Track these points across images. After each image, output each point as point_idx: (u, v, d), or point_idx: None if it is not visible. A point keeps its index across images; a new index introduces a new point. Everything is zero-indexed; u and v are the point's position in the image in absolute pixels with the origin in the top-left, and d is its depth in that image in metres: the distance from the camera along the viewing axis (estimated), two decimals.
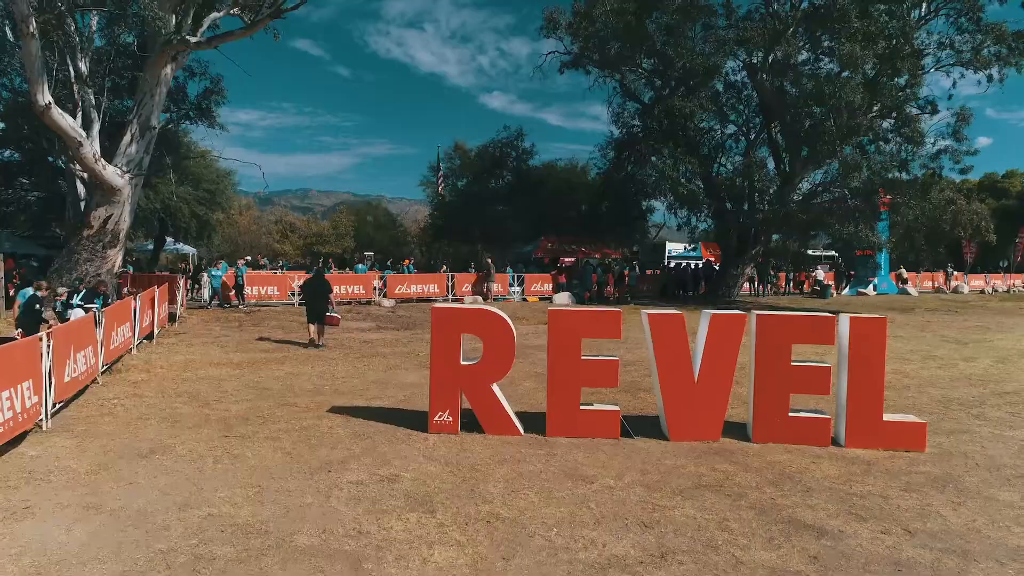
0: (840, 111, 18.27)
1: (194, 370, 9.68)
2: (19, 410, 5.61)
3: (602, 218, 29.42)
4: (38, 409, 6.11)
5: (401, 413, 7.36)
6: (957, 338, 15.29)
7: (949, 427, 7.25)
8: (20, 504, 4.59)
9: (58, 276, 14.58)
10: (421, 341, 13.17)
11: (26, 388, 5.78)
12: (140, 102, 14.30)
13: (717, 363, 6.44)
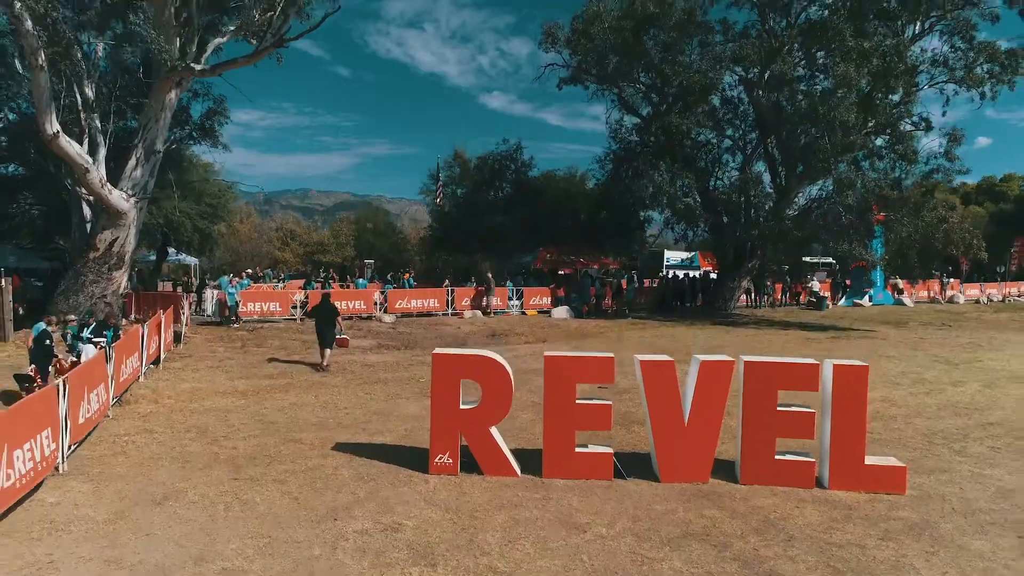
0: (834, 129, 18.56)
1: (200, 400, 9.95)
2: (39, 459, 5.88)
3: (601, 228, 29.71)
4: (55, 454, 6.39)
5: (403, 451, 7.62)
6: (948, 358, 15.56)
7: (931, 465, 7.52)
8: (45, 558, 4.86)
9: (64, 298, 14.86)
10: (422, 364, 13.44)
11: (45, 437, 6.06)
12: (145, 126, 14.58)
13: (706, 408, 6.71)
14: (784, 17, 22.56)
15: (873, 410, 10.13)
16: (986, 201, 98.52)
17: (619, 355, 14.70)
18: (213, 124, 18.59)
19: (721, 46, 22.75)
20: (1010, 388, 12.14)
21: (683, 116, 20.82)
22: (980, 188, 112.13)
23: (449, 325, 20.58)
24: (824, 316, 24.79)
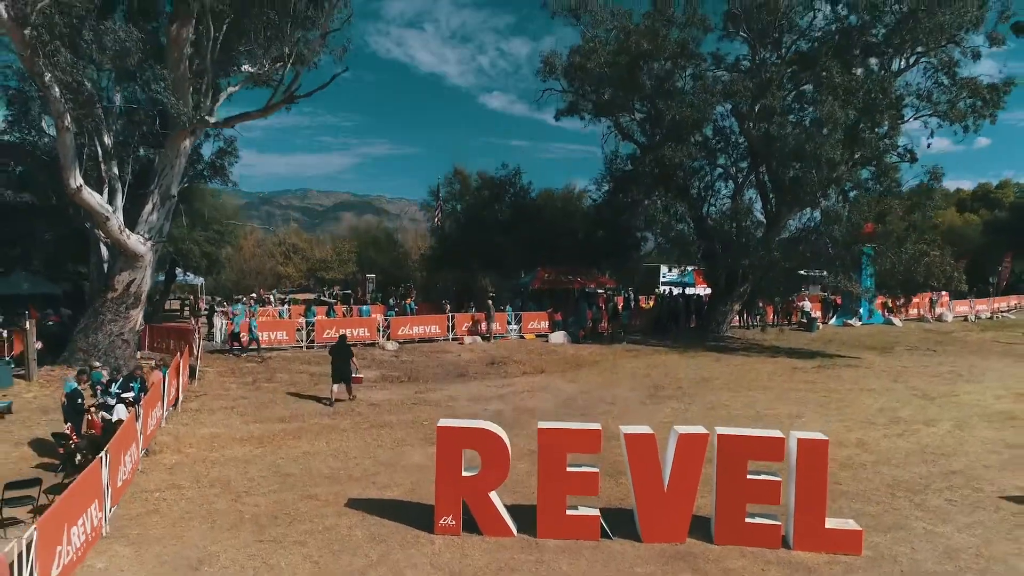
0: (820, 165, 19.34)
1: (220, 449, 10.69)
2: (89, 530, 6.63)
3: (597, 247, 30.42)
4: (101, 522, 7.13)
5: (410, 508, 8.33)
6: (926, 391, 16.31)
7: (889, 521, 8.25)
8: None
9: (84, 336, 15.61)
10: (424, 404, 14.20)
11: (93, 508, 6.81)
12: (161, 173, 15.34)
13: (683, 476, 7.46)
14: (774, 51, 23.31)
15: (846, 456, 10.96)
16: (981, 208, 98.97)
17: (611, 390, 15.62)
18: (224, 163, 19.42)
19: (712, 79, 23.54)
20: (979, 429, 12.87)
21: (676, 149, 21.60)
22: (975, 195, 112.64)
23: (450, 352, 21.33)
24: (813, 339, 25.54)
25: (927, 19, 20.60)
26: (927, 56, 21.63)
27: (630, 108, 23.89)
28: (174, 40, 14.04)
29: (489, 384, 16.60)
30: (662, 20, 24.63)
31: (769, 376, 17.95)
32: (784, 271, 21.65)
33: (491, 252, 30.88)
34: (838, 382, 17.47)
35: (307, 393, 15.03)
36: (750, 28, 23.01)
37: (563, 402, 14.55)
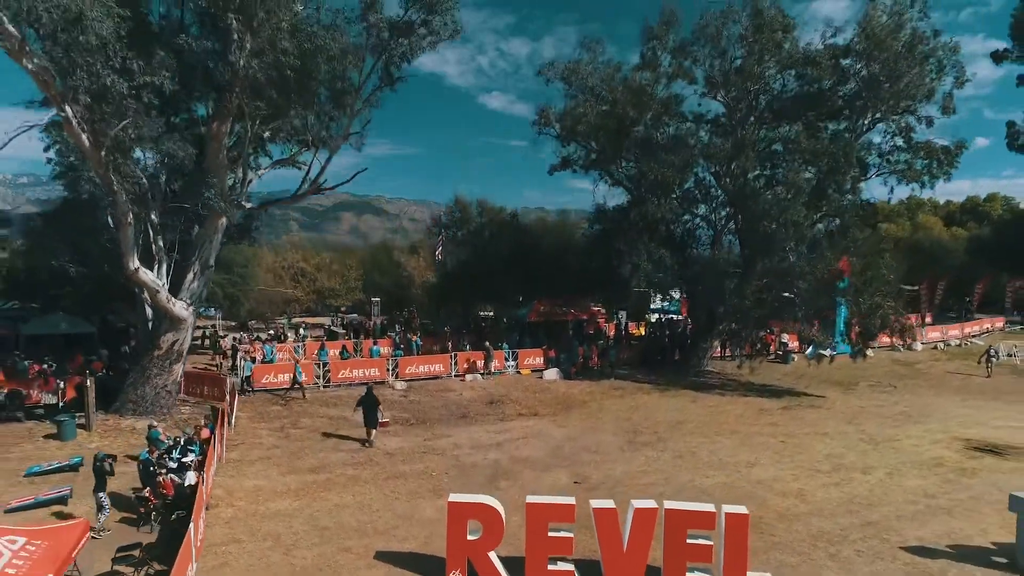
0: (787, 227, 21.55)
1: (264, 502, 12.86)
2: None
3: (590, 279, 32.60)
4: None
5: (424, 560, 10.49)
6: (873, 436, 18.48)
7: (803, 572, 10.42)
8: None
9: (133, 389, 17.81)
10: (432, 453, 16.38)
11: (190, 570, 8.99)
12: (200, 247, 17.54)
13: (638, 539, 9.63)
14: (749, 113, 25.52)
15: (785, 508, 13.15)
16: (970, 220, 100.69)
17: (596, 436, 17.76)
18: (251, 226, 21.52)
19: (692, 138, 25.77)
20: (907, 478, 15.04)
21: (658, 205, 23.82)
22: (964, 207, 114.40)
23: (453, 391, 23.52)
24: (787, 373, 27.69)
25: (887, 87, 22.85)
26: (884, 121, 23.84)
27: (618, 164, 26.16)
28: (214, 135, 16.22)
29: (488, 428, 18.79)
30: (650, 71, 27.02)
31: (737, 419, 20.15)
32: (756, 319, 23.86)
33: (491, 286, 33.10)
34: (798, 425, 19.67)
35: (333, 436, 17.26)
36: (727, 92, 25.23)
37: (552, 450, 16.74)
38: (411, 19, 16.00)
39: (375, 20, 15.60)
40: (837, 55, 23.08)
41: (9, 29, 11.11)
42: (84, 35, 10.83)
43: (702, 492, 13.55)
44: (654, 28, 27.26)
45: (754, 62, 23.19)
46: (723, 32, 23.83)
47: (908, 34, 22.81)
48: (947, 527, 12.22)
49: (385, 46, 16.10)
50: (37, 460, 14.69)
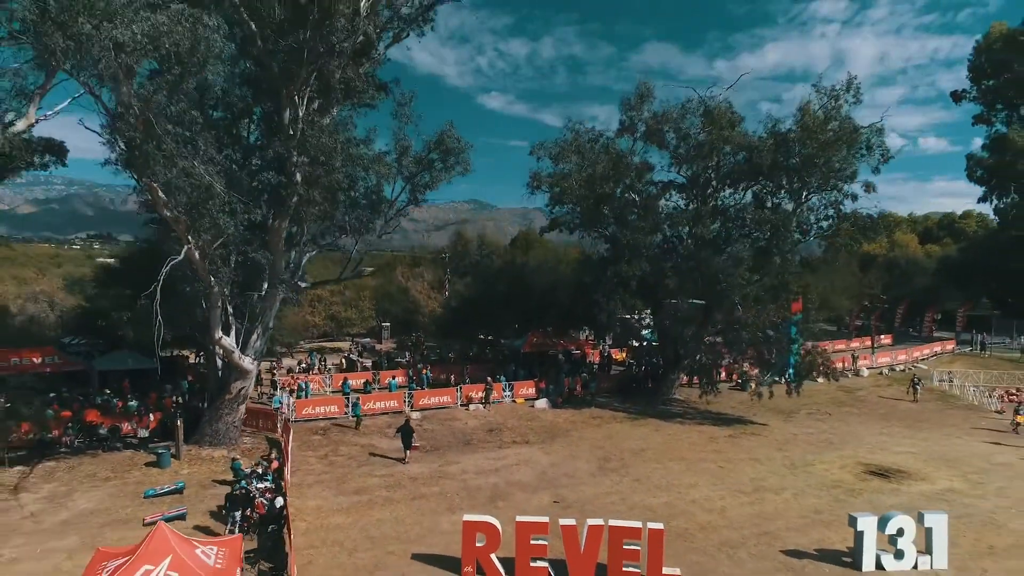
0: (733, 288, 26.36)
1: (326, 518, 17.55)
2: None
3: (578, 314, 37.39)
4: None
5: (445, 559, 15.18)
6: (794, 461, 23.25)
7: (706, 567, 15.13)
8: None
9: (208, 425, 22.54)
10: (445, 478, 21.07)
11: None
12: (263, 314, 22.26)
13: (591, 546, 14.36)
14: (707, 185, 30.35)
15: (707, 521, 17.89)
16: (946, 236, 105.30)
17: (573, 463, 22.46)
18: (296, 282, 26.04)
19: (660, 202, 30.63)
20: (808, 498, 19.76)
21: (631, 264, 28.63)
22: (941, 224, 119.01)
23: (459, 420, 28.26)
24: (742, 401, 32.36)
25: (820, 168, 27.69)
26: (819, 195, 28.70)
27: (598, 228, 31.07)
28: (276, 231, 20.91)
29: (488, 455, 23.53)
30: (628, 134, 31.95)
31: (689, 447, 24.93)
32: (707, 364, 28.75)
33: (491, 319, 37.93)
34: (737, 451, 24.46)
35: (365, 468, 21.98)
36: (689, 167, 30.08)
37: (539, 475, 21.50)
38: (432, 159, 20.86)
39: (406, 162, 20.41)
40: (778, 142, 27.88)
41: (160, 196, 15.77)
42: (212, 200, 15.52)
43: (648, 510, 18.28)
44: (631, 100, 32.20)
45: (708, 147, 28.06)
46: (683, 122, 28.70)
47: (837, 125, 27.64)
48: (821, 536, 16.96)
49: (412, 177, 20.93)
50: (149, 485, 19.40)
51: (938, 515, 15.68)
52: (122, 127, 14.35)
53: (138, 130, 14.38)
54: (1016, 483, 21.31)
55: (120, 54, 12.52)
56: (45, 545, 15.75)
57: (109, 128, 15.04)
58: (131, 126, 14.41)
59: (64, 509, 17.85)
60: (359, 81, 19.25)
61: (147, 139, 14.17)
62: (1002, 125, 56.36)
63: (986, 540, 16.85)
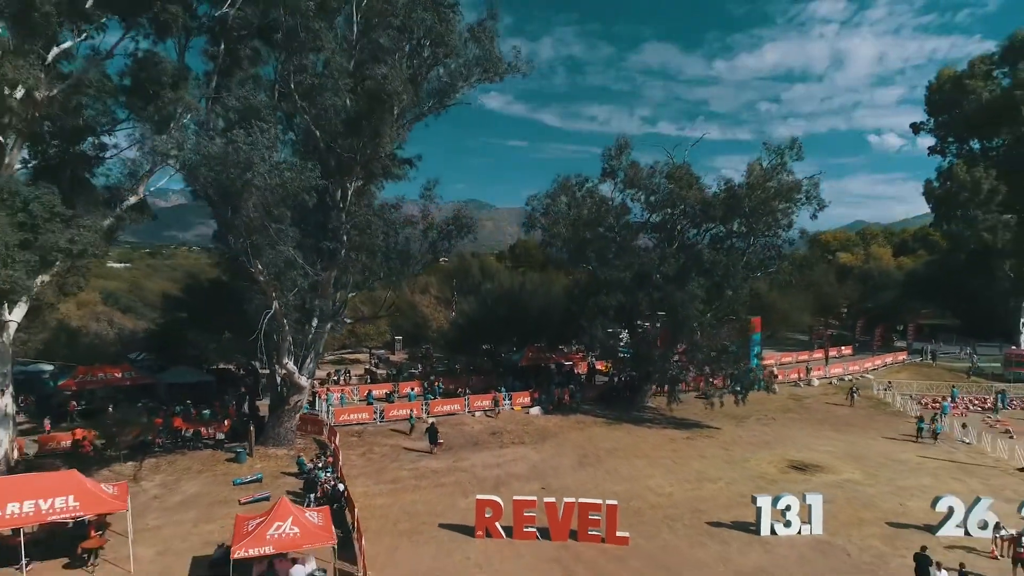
0: (690, 317, 32.49)
1: (372, 499, 23.57)
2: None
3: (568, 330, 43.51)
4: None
5: (464, 527, 21.21)
6: (734, 458, 29.32)
7: (648, 532, 21.18)
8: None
9: (272, 428, 28.56)
10: (459, 471, 27.10)
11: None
12: (315, 342, 28.28)
13: (567, 516, 20.43)
14: (674, 228, 36.49)
15: (657, 501, 23.96)
16: (920, 248, 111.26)
17: (558, 460, 28.84)
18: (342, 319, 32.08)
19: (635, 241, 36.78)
20: (737, 485, 25.80)
21: (609, 296, 34.75)
22: (916, 236, 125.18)
23: (467, 425, 34.33)
24: (702, 409, 38.38)
25: (765, 215, 33.83)
26: (763, 239, 34.85)
27: (582, 264, 37.29)
28: (326, 281, 26.90)
29: (492, 453, 29.61)
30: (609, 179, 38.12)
31: (652, 447, 31.02)
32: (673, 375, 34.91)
33: (493, 336, 44.07)
34: (690, 450, 30.54)
35: (395, 464, 27.99)
36: (659, 213, 36.24)
37: (531, 468, 27.57)
38: (450, 229, 27.06)
39: (432, 235, 26.71)
40: (729, 196, 34.00)
41: (259, 267, 21.85)
42: (294, 269, 21.51)
43: (613, 494, 24.24)
44: (611, 150, 38.39)
45: (672, 200, 34.24)
46: (651, 182, 34.90)
47: (777, 181, 33.79)
48: (739, 513, 22.95)
49: (434, 243, 27.11)
50: (234, 475, 25.43)
51: (816, 495, 21.83)
52: (238, 228, 20.50)
53: (252, 231, 20.50)
54: (903, 475, 27.41)
55: (252, 191, 18.57)
56: (172, 517, 21.80)
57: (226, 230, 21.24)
58: (246, 227, 20.51)
59: (177, 493, 23.91)
60: (394, 167, 25.34)
61: (260, 235, 20.29)
62: (953, 157, 62.42)
63: (859, 515, 22.96)
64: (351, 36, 24.89)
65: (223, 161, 18.13)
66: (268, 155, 18.81)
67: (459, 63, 26.12)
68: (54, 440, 27.77)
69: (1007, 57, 57.74)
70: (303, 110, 23.03)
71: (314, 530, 16.98)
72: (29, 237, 19.67)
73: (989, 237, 54.78)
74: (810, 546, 20.56)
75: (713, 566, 18.99)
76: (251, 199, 19.05)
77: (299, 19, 22.34)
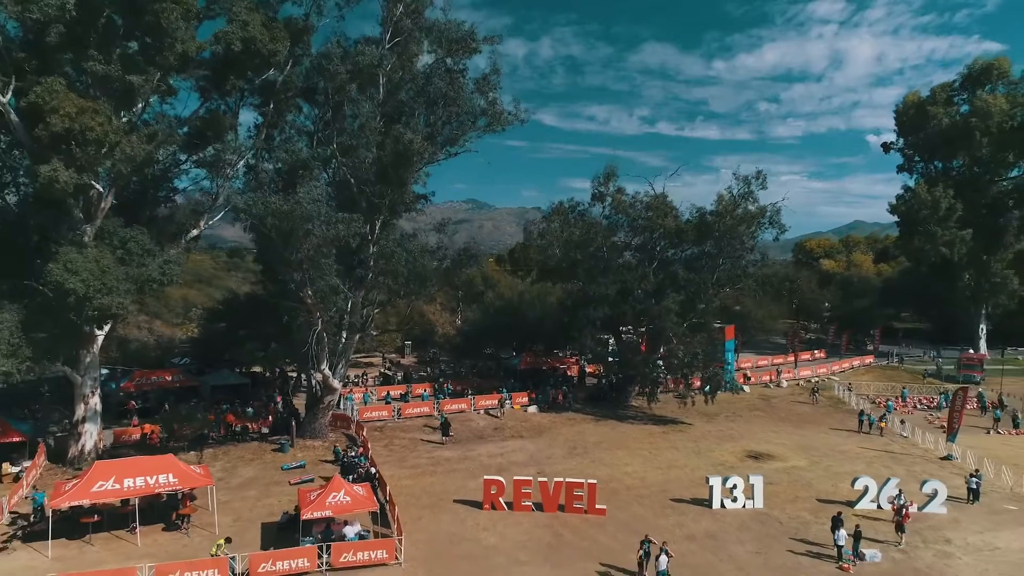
0: (666, 327, 37.65)
1: (400, 481, 28.63)
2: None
3: (563, 336, 48.69)
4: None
5: (473, 502, 26.30)
6: (701, 450, 34.46)
7: (619, 506, 26.32)
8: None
9: (308, 424, 33.73)
10: (468, 459, 32.25)
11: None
12: (344, 351, 33.43)
13: (556, 492, 25.61)
14: (655, 247, 41.71)
15: (632, 484, 29.18)
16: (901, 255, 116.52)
17: (552, 450, 34.62)
18: (369, 331, 37.18)
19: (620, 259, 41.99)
20: (699, 471, 30.83)
21: (596, 309, 39.93)
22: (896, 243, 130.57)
23: (473, 421, 39.44)
24: (680, 407, 43.43)
25: (731, 239, 39.01)
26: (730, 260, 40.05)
27: (573, 280, 42.57)
28: (356, 299, 32.06)
29: (495, 445, 34.76)
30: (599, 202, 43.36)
31: (633, 440, 36.18)
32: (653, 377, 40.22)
33: (495, 345, 49.29)
34: (665, 442, 35.71)
35: (413, 455, 33.10)
36: (641, 236, 41.45)
37: (529, 457, 32.73)
38: (460, 260, 32.30)
39: (446, 264, 31.91)
40: (700, 224, 39.20)
41: (308, 294, 27.01)
42: (337, 294, 26.63)
43: (596, 477, 29.13)
44: (600, 177, 43.62)
45: (653, 225, 39.46)
46: (632, 210, 40.12)
47: (743, 209, 38.97)
48: (698, 492, 27.99)
49: (448, 271, 32.32)
50: (281, 462, 30.56)
51: (758, 476, 27.03)
52: (296, 263, 25.74)
53: (307, 266, 25.79)
54: (842, 463, 32.56)
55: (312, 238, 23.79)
56: (238, 495, 26.89)
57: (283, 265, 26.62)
58: (302, 263, 25.74)
59: (237, 476, 29.05)
60: (413, 204, 30.57)
61: (314, 269, 25.54)
62: (919, 175, 67.61)
63: (796, 494, 28.15)
64: (378, 97, 30.02)
65: (289, 215, 23.26)
66: (324, 210, 23.99)
67: (466, 116, 31.22)
68: (127, 433, 32.86)
69: (966, 85, 63.06)
70: (342, 163, 28.15)
71: (361, 498, 22.19)
72: (129, 270, 24.79)
73: (947, 251, 59.94)
74: (751, 517, 25.72)
75: (671, 530, 24.07)
76: (308, 243, 24.20)
77: (337, 88, 27.48)
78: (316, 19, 29.36)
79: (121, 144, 23.01)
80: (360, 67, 27.17)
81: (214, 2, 27.66)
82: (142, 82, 24.18)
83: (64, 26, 23.10)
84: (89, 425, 29.31)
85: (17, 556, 21.38)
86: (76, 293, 22.37)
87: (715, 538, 23.71)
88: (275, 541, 22.19)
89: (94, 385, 29.08)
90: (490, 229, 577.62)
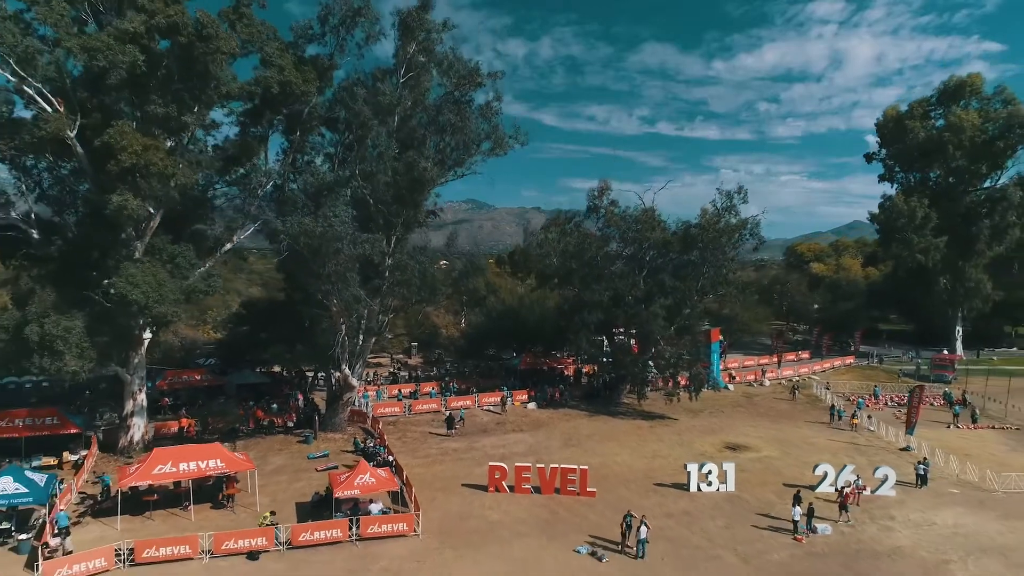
0: (653, 331, 41.27)
1: (416, 469, 32.18)
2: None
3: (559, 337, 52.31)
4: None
5: (480, 486, 29.91)
6: (683, 442, 38.06)
7: (607, 489, 29.95)
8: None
9: (329, 418, 37.28)
10: (474, 450, 35.84)
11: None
12: (361, 353, 37.01)
13: (552, 476, 29.21)
14: (644, 256, 45.35)
15: (621, 471, 32.83)
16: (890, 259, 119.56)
17: (548, 442, 38.60)
18: (385, 335, 40.62)
19: (612, 267, 45.63)
20: (682, 460, 34.30)
21: (590, 314, 43.52)
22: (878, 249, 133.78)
23: (477, 416, 43.02)
24: (668, 404, 47.02)
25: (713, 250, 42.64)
26: (715, 269, 43.65)
27: (569, 288, 46.17)
28: (372, 306, 35.68)
29: (498, 437, 38.35)
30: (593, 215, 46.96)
31: (623, 433, 39.78)
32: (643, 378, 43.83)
33: (497, 346, 52.92)
34: (651, 435, 39.31)
35: (423, 447, 36.69)
36: (631, 247, 45.07)
37: (528, 448, 36.34)
38: (468, 271, 36.05)
39: (454, 275, 35.59)
40: (685, 236, 42.83)
41: (334, 303, 30.51)
42: (359, 302, 30.22)
43: (587, 464, 32.91)
44: (594, 192, 47.22)
45: (642, 237, 43.11)
46: (622, 223, 43.77)
47: (725, 223, 42.60)
48: (678, 478, 31.57)
49: (456, 281, 35.96)
50: (307, 452, 34.15)
51: (730, 464, 30.64)
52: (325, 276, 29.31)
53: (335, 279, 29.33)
54: (810, 453, 36.12)
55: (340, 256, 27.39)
56: (271, 480, 30.45)
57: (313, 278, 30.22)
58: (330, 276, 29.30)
59: (268, 464, 32.63)
60: (426, 221, 34.21)
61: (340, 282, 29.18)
62: (899, 185, 71.25)
63: (764, 479, 31.76)
64: (392, 125, 33.63)
65: (323, 236, 26.87)
66: (351, 230, 27.63)
67: (472, 142, 34.85)
68: (166, 426, 36.47)
69: (942, 101, 66.72)
70: (362, 187, 31.74)
71: (383, 480, 25.83)
72: (179, 282, 28.39)
73: (922, 258, 63.59)
74: (723, 498, 29.33)
75: (652, 509, 27.62)
76: (337, 260, 27.80)
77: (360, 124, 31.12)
78: (339, 58, 32.94)
79: (177, 175, 26.58)
80: (381, 106, 30.86)
81: (248, 42, 31.20)
82: (193, 120, 27.78)
83: (125, 71, 26.63)
84: (137, 419, 32.90)
85: (90, 529, 24.97)
86: (137, 303, 25.95)
87: (690, 515, 27.32)
88: (308, 517, 25.79)
89: (141, 383, 32.67)
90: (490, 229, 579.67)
